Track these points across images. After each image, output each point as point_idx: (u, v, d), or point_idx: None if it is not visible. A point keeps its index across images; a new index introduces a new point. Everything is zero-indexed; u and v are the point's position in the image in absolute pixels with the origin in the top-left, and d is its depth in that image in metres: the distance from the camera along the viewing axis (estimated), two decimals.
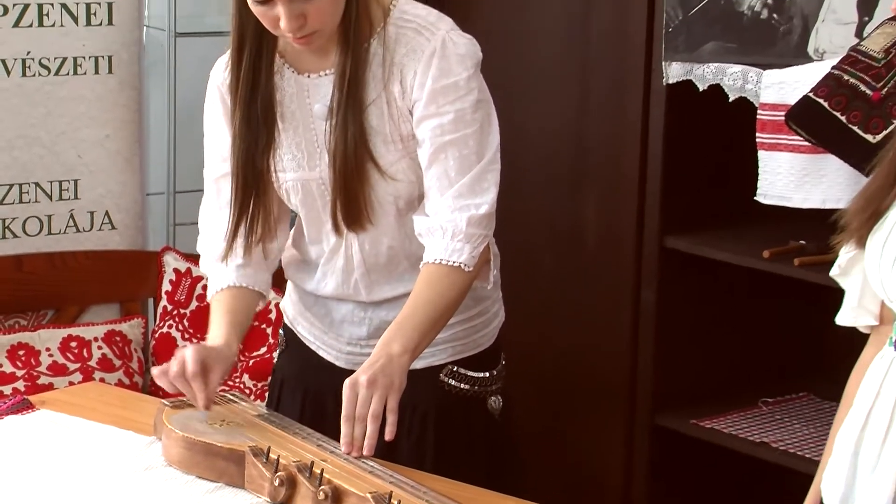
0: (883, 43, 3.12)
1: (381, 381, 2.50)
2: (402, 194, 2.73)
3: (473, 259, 2.63)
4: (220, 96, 2.81)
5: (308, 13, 2.58)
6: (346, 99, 2.66)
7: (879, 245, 2.20)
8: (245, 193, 2.77)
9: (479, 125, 2.67)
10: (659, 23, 3.53)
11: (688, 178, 3.63)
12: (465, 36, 2.71)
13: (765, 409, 3.67)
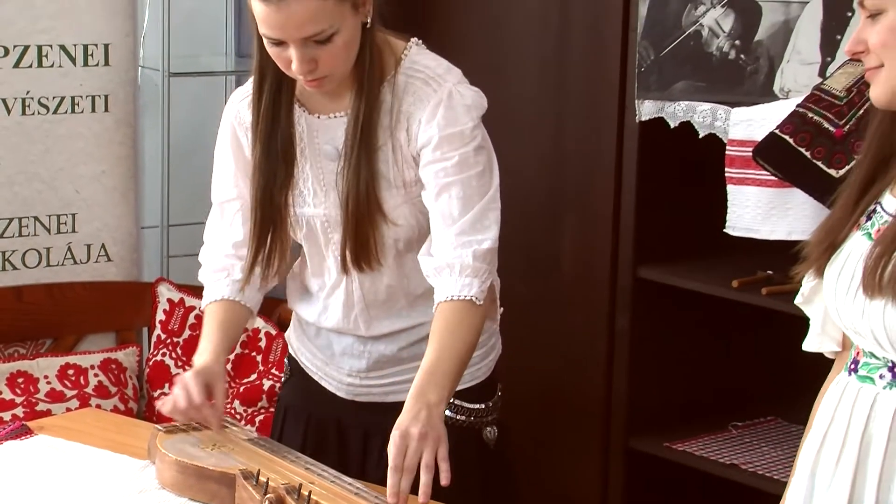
0: (845, 82, 3.13)
1: (431, 434, 2.48)
2: (401, 237, 2.73)
3: (483, 293, 2.62)
4: (233, 129, 2.81)
5: (320, 58, 2.58)
6: (360, 143, 2.65)
7: (835, 275, 2.22)
8: (263, 228, 2.77)
9: (481, 168, 2.67)
10: (632, 63, 3.54)
11: (660, 211, 3.63)
12: (473, 88, 2.71)
13: (734, 432, 3.67)
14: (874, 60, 2.14)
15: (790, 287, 3.35)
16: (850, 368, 2.24)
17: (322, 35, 2.55)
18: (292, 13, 2.52)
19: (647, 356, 3.68)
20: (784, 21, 3.35)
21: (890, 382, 2.17)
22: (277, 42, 2.57)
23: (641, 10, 3.49)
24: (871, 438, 2.17)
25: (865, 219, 2.22)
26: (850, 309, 2.18)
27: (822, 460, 2.24)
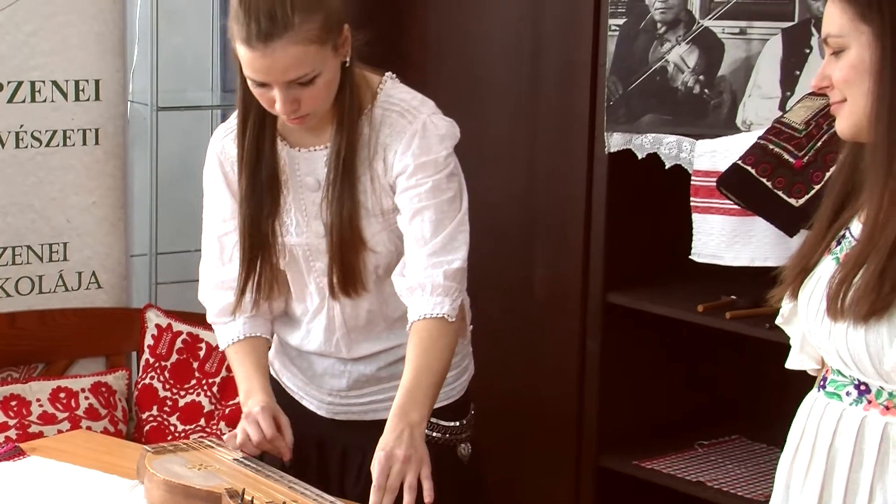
0: (804, 115, 3.14)
1: (415, 456, 2.49)
2: (381, 263, 2.74)
3: (454, 310, 2.63)
4: (220, 164, 2.81)
5: (302, 98, 2.58)
6: (342, 175, 2.66)
7: (807, 298, 2.23)
8: (252, 254, 2.77)
9: (452, 193, 2.69)
10: (601, 97, 3.55)
11: (629, 239, 3.64)
12: (446, 119, 2.73)
13: (700, 450, 3.67)
14: (838, 95, 2.15)
15: (753, 311, 3.37)
16: (820, 385, 2.25)
17: (305, 78, 2.56)
18: (277, 59, 2.53)
19: (616, 377, 3.68)
20: (745, 57, 3.36)
21: (856, 399, 2.18)
22: (261, 84, 2.58)
23: (610, 46, 3.50)
24: (836, 452, 2.19)
25: (836, 244, 2.23)
26: (818, 330, 2.19)
27: (794, 472, 2.26)
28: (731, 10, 3.37)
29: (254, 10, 2.52)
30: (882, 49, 2.09)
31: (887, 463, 2.14)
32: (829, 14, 2.15)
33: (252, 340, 2.81)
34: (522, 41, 3.81)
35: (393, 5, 4.14)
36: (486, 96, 3.90)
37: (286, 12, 2.52)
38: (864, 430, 2.16)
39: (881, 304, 2.08)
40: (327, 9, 2.58)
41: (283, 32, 2.52)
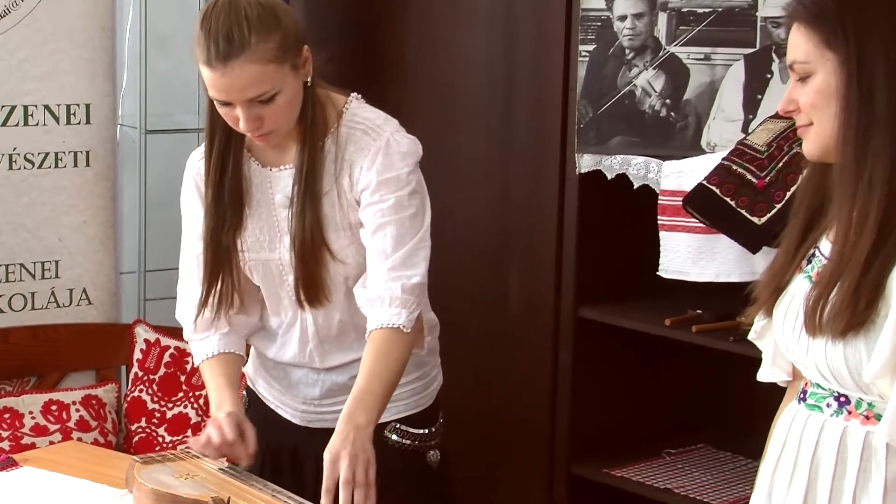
0: (766, 137, 3.15)
1: (361, 456, 2.50)
2: (350, 275, 2.74)
3: (410, 322, 2.65)
4: (196, 185, 2.82)
5: (264, 116, 2.60)
6: (305, 191, 2.68)
7: (782, 315, 2.23)
8: (214, 266, 2.78)
9: (414, 210, 2.70)
10: (572, 120, 3.55)
11: (599, 256, 3.64)
12: (409, 136, 2.74)
13: (668, 459, 3.67)
14: (805, 119, 2.16)
15: (718, 325, 3.37)
16: (800, 398, 2.25)
17: (265, 96, 2.58)
18: (235, 78, 2.55)
19: (587, 389, 3.68)
20: (710, 82, 3.37)
21: (836, 410, 2.18)
22: (225, 102, 2.59)
23: (580, 71, 3.51)
24: (819, 462, 2.18)
25: (806, 262, 2.24)
26: (796, 346, 2.19)
27: (776, 482, 2.26)
28: (695, 36, 3.38)
29: (213, 32, 2.55)
30: (847, 75, 2.10)
31: (870, 471, 2.14)
32: (795, 41, 2.15)
33: (225, 356, 2.82)
34: (496, 66, 3.81)
35: (373, 31, 4.14)
36: (462, 118, 3.91)
37: (243, 33, 2.54)
38: (846, 439, 2.16)
39: (857, 320, 2.08)
40: (284, 30, 2.60)
41: (241, 52, 2.54)
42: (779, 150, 3.11)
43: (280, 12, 2.62)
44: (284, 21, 2.61)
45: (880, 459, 2.13)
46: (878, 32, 2.09)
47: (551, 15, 3.63)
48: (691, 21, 3.38)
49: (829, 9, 2.11)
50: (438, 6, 3.94)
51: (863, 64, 2.08)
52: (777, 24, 3.30)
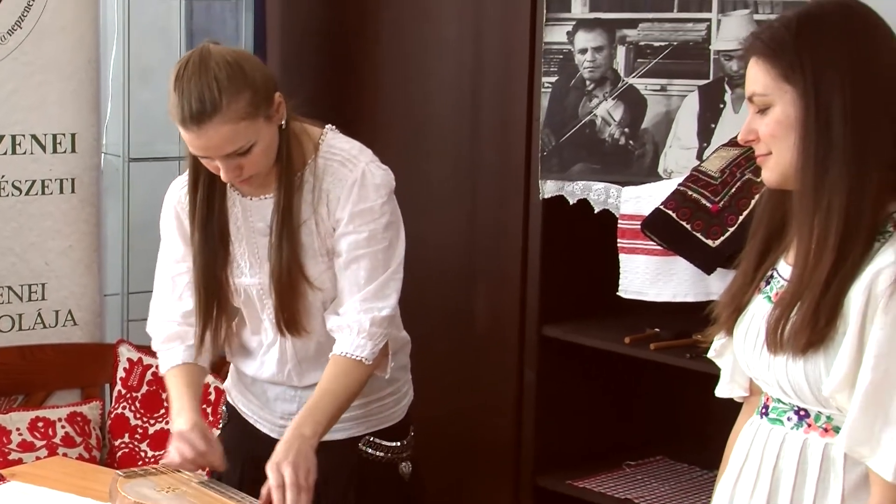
0: (719, 164, 3.16)
1: (303, 464, 2.52)
2: (328, 299, 2.75)
3: (374, 354, 2.66)
4: (176, 213, 2.81)
5: (244, 165, 2.60)
6: (282, 222, 2.68)
7: (743, 334, 2.23)
8: (208, 303, 2.77)
9: (388, 242, 2.70)
10: (536, 147, 3.56)
11: (562, 277, 3.65)
12: (383, 167, 2.74)
13: (628, 470, 3.67)
14: (764, 148, 2.16)
15: (675, 343, 3.38)
16: (762, 412, 2.25)
17: (241, 149, 2.58)
18: (210, 138, 2.55)
19: (551, 404, 3.68)
20: (666, 112, 3.39)
21: (796, 424, 2.18)
22: (206, 156, 2.59)
23: (543, 101, 3.52)
24: (780, 473, 2.18)
25: (765, 283, 2.24)
26: (757, 363, 2.19)
27: (737, 493, 2.25)
28: (652, 68, 3.39)
29: (186, 94, 2.53)
30: (805, 107, 2.10)
31: (828, 481, 2.14)
32: (753, 74, 2.15)
33: (189, 366, 2.81)
34: (463, 97, 3.82)
35: (347, 64, 4.14)
36: (432, 146, 3.91)
37: (214, 95, 2.52)
38: (806, 451, 2.16)
39: (817, 338, 2.08)
40: (253, 86, 2.57)
41: (214, 114, 2.52)
42: (731, 176, 3.12)
43: (248, 68, 2.59)
44: (253, 77, 2.59)
45: (838, 470, 2.13)
46: (834, 66, 2.09)
47: (516, 48, 3.64)
48: (648, 54, 3.39)
49: (786, 43, 2.12)
50: (409, 40, 3.95)
51: (820, 96, 2.09)
52: (729, 57, 3.32)
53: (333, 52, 4.19)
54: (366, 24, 4.07)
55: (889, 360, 2.02)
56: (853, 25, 2.12)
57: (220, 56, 2.56)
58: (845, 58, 2.09)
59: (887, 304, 2.03)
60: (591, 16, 3.44)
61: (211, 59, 2.55)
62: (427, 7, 3.89)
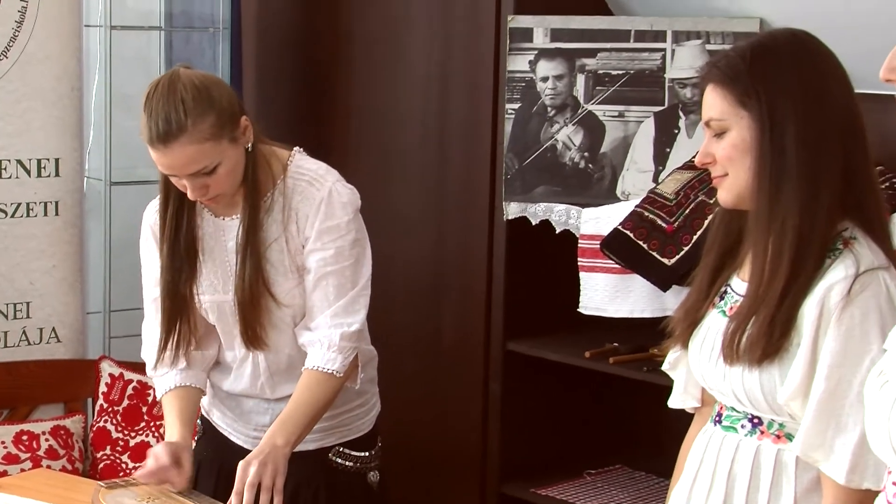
0: (674, 187, 3.17)
1: (270, 465, 2.51)
2: (297, 314, 2.74)
3: (344, 367, 2.66)
4: (153, 234, 2.80)
5: (209, 184, 2.60)
6: (246, 240, 2.67)
7: (698, 346, 2.24)
8: (171, 315, 2.76)
9: (354, 259, 2.70)
10: (500, 171, 3.57)
11: (525, 295, 3.65)
12: (348, 186, 2.74)
13: (589, 478, 3.67)
14: (720, 171, 2.17)
15: (633, 357, 3.39)
16: (715, 420, 2.25)
17: (206, 169, 2.58)
18: (176, 157, 2.55)
19: (515, 415, 3.68)
20: (623, 137, 3.40)
21: (750, 431, 2.19)
22: (173, 175, 2.59)
23: (507, 127, 3.53)
24: (735, 478, 2.19)
25: (719, 298, 2.25)
26: (713, 374, 2.20)
27: (693, 498, 2.26)
28: (610, 96, 3.40)
29: (154, 114, 2.55)
30: (761, 132, 2.11)
31: (781, 485, 2.15)
32: (710, 101, 2.16)
33: (183, 390, 2.80)
34: (431, 123, 3.82)
35: (321, 94, 4.14)
36: (401, 170, 3.91)
37: (180, 117, 2.53)
38: (759, 457, 2.17)
39: (772, 349, 2.10)
40: (218, 109, 2.58)
41: (179, 135, 2.53)
42: (686, 198, 3.13)
43: (214, 92, 2.60)
44: (218, 100, 2.59)
45: (790, 474, 2.15)
46: (787, 94, 2.11)
47: (481, 76, 3.65)
48: (606, 82, 3.41)
49: (742, 71, 2.13)
50: (379, 69, 3.95)
51: (774, 122, 2.10)
52: (683, 85, 3.33)
53: (307, 81, 4.19)
54: (338, 53, 4.08)
55: (841, 370, 2.03)
56: (804, 55, 2.14)
57: (187, 79, 2.58)
58: (797, 86, 2.11)
59: (839, 317, 2.04)
60: (552, 46, 3.45)
61: (179, 82, 2.56)
62: (397, 37, 3.89)
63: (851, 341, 2.03)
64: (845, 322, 2.04)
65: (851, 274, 2.05)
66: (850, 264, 2.06)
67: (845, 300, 2.04)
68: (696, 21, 3.33)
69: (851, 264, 2.06)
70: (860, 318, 2.04)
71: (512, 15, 3.48)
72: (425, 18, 3.80)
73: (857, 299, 2.04)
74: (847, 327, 2.04)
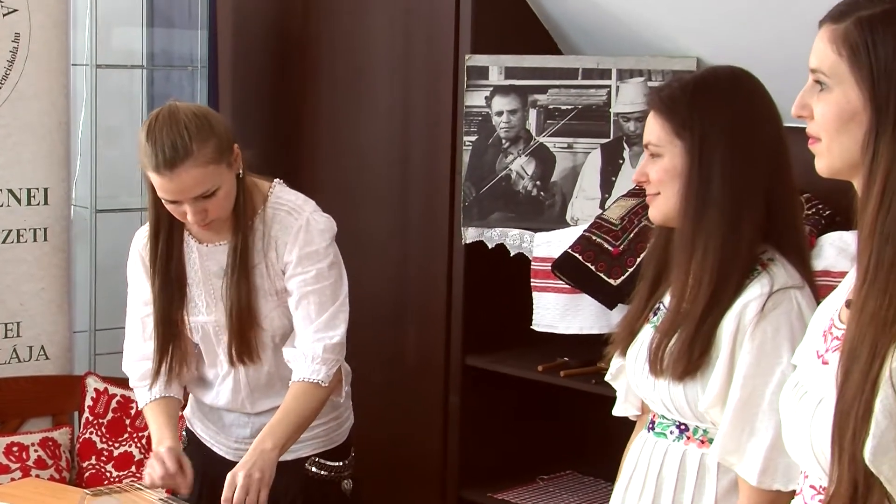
0: (619, 213, 3.19)
1: (256, 475, 2.49)
2: (276, 334, 2.73)
3: (329, 377, 2.64)
4: (141, 259, 2.79)
5: (209, 208, 2.60)
6: (239, 266, 2.67)
7: (633, 358, 2.26)
8: (164, 342, 2.76)
9: (334, 279, 2.70)
10: (458, 198, 3.57)
11: (482, 313, 3.65)
12: (325, 215, 2.75)
13: (541, 483, 3.67)
14: (654, 189, 2.19)
15: (582, 370, 3.39)
16: (649, 427, 2.27)
17: (208, 192, 2.58)
18: (183, 180, 2.54)
19: (474, 425, 3.67)
20: (572, 167, 3.41)
21: (677, 436, 2.20)
22: (172, 201, 2.58)
23: (465, 158, 3.53)
24: (663, 480, 2.20)
25: (653, 314, 2.26)
26: (644, 384, 2.22)
27: (627, 498, 2.27)
28: (560, 128, 3.42)
29: (158, 143, 2.54)
30: (691, 160, 2.14)
31: (704, 485, 2.17)
32: (651, 126, 2.19)
33: (165, 400, 2.79)
34: (394, 154, 3.83)
35: (293, 129, 4.14)
36: (367, 199, 3.91)
37: (185, 142, 2.53)
38: (685, 460, 2.19)
39: (692, 368, 2.11)
40: (217, 135, 2.59)
41: (185, 158, 2.53)
42: (630, 223, 3.15)
43: (213, 120, 2.61)
44: (217, 127, 2.61)
45: (712, 476, 2.17)
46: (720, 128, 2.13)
47: (440, 111, 3.65)
48: (556, 116, 3.42)
49: (681, 104, 2.16)
50: (347, 103, 3.95)
51: (704, 154, 2.13)
52: (627, 119, 3.35)
53: (279, 116, 4.19)
54: (309, 90, 4.08)
55: (755, 380, 2.06)
56: (739, 93, 2.16)
57: (187, 109, 2.59)
58: (729, 121, 2.13)
59: (753, 332, 2.07)
60: (506, 83, 3.46)
61: (179, 112, 2.57)
62: (363, 75, 3.90)
63: (764, 354, 2.06)
64: (758, 336, 2.06)
65: (766, 292, 2.08)
66: (765, 283, 2.09)
67: (759, 316, 2.07)
68: (638, 60, 3.36)
69: (766, 283, 2.09)
70: (772, 333, 2.06)
71: (469, 54, 3.49)
72: (389, 58, 3.81)
73: (769, 315, 2.07)
74: (760, 341, 2.06)
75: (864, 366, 1.49)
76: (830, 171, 1.61)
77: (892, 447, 1.47)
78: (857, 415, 1.48)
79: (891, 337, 1.48)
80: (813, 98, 1.61)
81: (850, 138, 1.56)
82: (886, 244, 1.50)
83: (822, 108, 1.59)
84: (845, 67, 1.56)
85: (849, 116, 1.56)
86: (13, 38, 3.80)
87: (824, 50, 1.59)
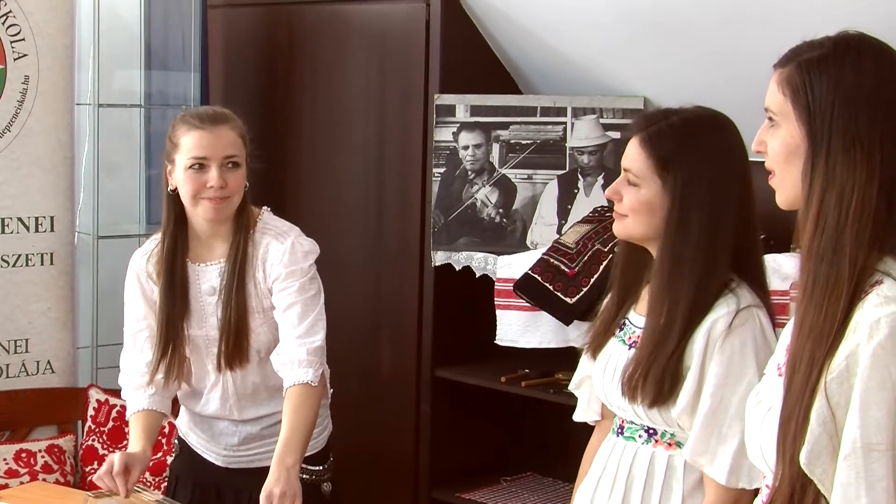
0: (574, 237, 3.19)
1: (289, 491, 2.46)
2: (262, 348, 2.72)
3: (317, 377, 2.63)
4: (138, 278, 2.77)
5: (229, 180, 2.63)
6: (234, 281, 2.66)
7: (602, 368, 2.24)
8: (165, 344, 2.73)
9: (314, 292, 2.70)
10: (428, 225, 3.56)
11: (451, 329, 3.64)
12: (309, 239, 2.76)
13: (505, 484, 3.66)
14: (623, 210, 2.15)
15: (542, 381, 3.39)
16: (618, 431, 2.24)
17: (235, 159, 2.64)
18: (220, 136, 2.62)
19: (443, 432, 3.66)
20: (532, 196, 3.41)
21: (646, 440, 2.19)
22: (202, 164, 2.58)
23: (434, 188, 3.53)
24: (633, 479, 2.19)
25: (619, 329, 2.24)
26: (615, 394, 2.19)
27: (596, 498, 2.24)
28: (521, 161, 3.42)
29: (200, 112, 2.67)
30: (671, 201, 2.08)
31: (671, 485, 2.16)
32: (633, 154, 2.13)
33: (148, 412, 2.75)
34: (370, 184, 3.82)
35: (278, 161, 4.12)
36: (345, 225, 3.89)
37: (224, 112, 2.68)
38: (654, 462, 2.17)
39: (663, 399, 2.10)
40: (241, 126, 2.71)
41: (227, 121, 2.65)
42: (584, 246, 3.14)
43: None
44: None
45: (679, 476, 2.15)
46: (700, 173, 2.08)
47: (412, 145, 3.65)
48: (517, 150, 3.42)
49: (667, 143, 2.10)
50: (326, 138, 3.94)
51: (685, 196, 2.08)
52: (581, 152, 3.35)
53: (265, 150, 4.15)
54: (291, 127, 4.06)
55: (724, 389, 2.05)
56: (719, 137, 2.11)
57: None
58: (710, 165, 2.08)
59: (722, 345, 2.06)
60: (471, 119, 3.46)
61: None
62: (340, 113, 3.89)
63: (732, 366, 2.05)
64: (727, 350, 2.05)
65: (733, 310, 2.06)
66: (731, 302, 2.07)
67: (727, 331, 2.05)
68: (591, 99, 3.36)
69: (733, 302, 2.07)
70: (739, 346, 2.05)
71: (438, 94, 3.49)
72: (365, 97, 3.80)
73: (737, 331, 2.05)
74: (728, 354, 2.05)
75: (804, 376, 1.49)
76: (787, 203, 1.61)
77: (825, 452, 1.47)
78: (797, 421, 1.48)
79: (826, 349, 1.48)
80: (767, 135, 1.61)
81: (796, 170, 1.57)
82: (821, 263, 1.50)
83: (772, 143, 1.60)
84: (789, 106, 1.57)
85: (793, 150, 1.57)
86: (23, 80, 3.78)
87: (773, 91, 1.60)
